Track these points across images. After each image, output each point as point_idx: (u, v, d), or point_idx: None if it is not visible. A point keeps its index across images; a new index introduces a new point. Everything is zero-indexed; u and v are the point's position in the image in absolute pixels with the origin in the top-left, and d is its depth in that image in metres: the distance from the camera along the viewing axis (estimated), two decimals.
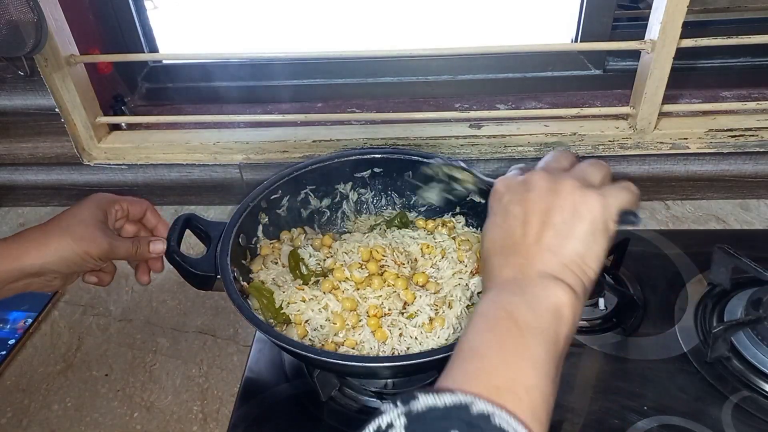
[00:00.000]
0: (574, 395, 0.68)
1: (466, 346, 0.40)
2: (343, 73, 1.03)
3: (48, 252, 0.58)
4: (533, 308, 0.40)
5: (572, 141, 0.90)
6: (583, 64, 1.00)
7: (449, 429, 0.32)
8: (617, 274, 0.82)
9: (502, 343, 0.39)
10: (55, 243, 0.59)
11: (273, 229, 0.79)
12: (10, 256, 0.58)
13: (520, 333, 0.39)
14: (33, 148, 0.97)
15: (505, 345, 0.39)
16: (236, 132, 0.95)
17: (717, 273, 0.79)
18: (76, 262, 0.59)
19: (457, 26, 1.01)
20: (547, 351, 0.39)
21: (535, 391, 0.37)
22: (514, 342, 0.39)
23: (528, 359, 0.38)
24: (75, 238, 0.60)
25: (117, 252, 0.62)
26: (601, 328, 0.76)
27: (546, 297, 0.41)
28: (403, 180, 0.82)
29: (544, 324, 0.40)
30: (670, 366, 0.70)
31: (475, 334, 0.40)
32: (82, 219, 0.62)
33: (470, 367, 0.38)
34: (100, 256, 0.60)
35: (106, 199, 0.65)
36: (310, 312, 0.67)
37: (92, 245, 0.60)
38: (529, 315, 0.40)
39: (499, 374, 0.37)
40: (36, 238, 0.59)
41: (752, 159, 0.91)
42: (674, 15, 0.76)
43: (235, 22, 1.04)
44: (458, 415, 0.33)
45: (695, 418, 0.64)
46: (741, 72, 0.98)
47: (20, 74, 0.85)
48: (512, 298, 0.42)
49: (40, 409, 0.72)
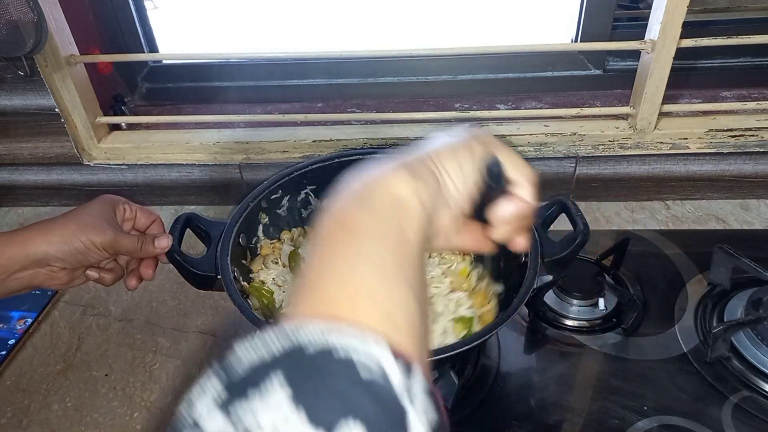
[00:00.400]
0: (574, 395, 0.68)
1: (305, 269, 0.34)
2: (343, 73, 1.03)
3: (52, 239, 0.59)
4: (367, 206, 0.35)
5: (572, 141, 0.90)
6: (583, 64, 1.00)
7: (275, 380, 0.26)
8: (617, 274, 0.82)
9: (336, 256, 0.33)
10: (59, 230, 0.59)
11: (273, 229, 0.78)
12: (16, 243, 0.58)
13: (353, 237, 0.34)
14: (33, 148, 0.97)
15: (339, 258, 0.33)
16: (236, 132, 0.95)
17: (717, 273, 0.79)
18: (80, 250, 0.59)
19: (457, 26, 1.01)
20: (393, 250, 0.33)
21: (382, 295, 0.31)
22: (349, 250, 0.33)
23: (368, 267, 0.32)
24: (80, 225, 0.60)
25: (121, 244, 0.62)
26: (601, 328, 0.76)
27: (381, 191, 0.36)
28: None
29: (382, 221, 0.35)
30: (670, 366, 0.70)
31: (312, 257, 0.34)
32: (89, 211, 0.62)
33: (308, 293, 0.32)
34: (104, 246, 0.60)
35: (115, 198, 0.66)
36: None
37: (97, 233, 0.60)
38: (361, 215, 0.35)
39: (337, 294, 0.31)
40: (42, 226, 0.60)
41: (752, 159, 0.91)
42: (674, 15, 0.76)
43: (235, 22, 1.04)
44: (288, 362, 0.27)
45: (695, 418, 0.64)
46: (741, 72, 0.98)
47: (20, 74, 0.85)
48: (342, 204, 0.37)
49: (40, 409, 0.72)
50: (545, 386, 0.69)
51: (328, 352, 0.27)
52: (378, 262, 0.32)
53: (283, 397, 0.25)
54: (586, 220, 0.67)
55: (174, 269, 0.66)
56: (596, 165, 0.94)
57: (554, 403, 0.67)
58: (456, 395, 0.66)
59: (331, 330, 0.27)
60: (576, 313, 0.77)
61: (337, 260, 0.33)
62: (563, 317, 0.77)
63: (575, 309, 0.77)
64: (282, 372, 0.26)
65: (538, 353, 0.74)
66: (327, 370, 0.26)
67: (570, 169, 0.94)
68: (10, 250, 0.58)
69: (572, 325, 0.76)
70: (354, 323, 0.28)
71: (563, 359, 0.72)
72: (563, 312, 0.77)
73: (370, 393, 0.26)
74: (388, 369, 0.26)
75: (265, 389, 0.25)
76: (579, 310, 0.77)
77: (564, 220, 0.70)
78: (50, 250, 0.58)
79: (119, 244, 0.62)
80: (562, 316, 0.77)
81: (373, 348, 0.27)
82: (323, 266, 0.33)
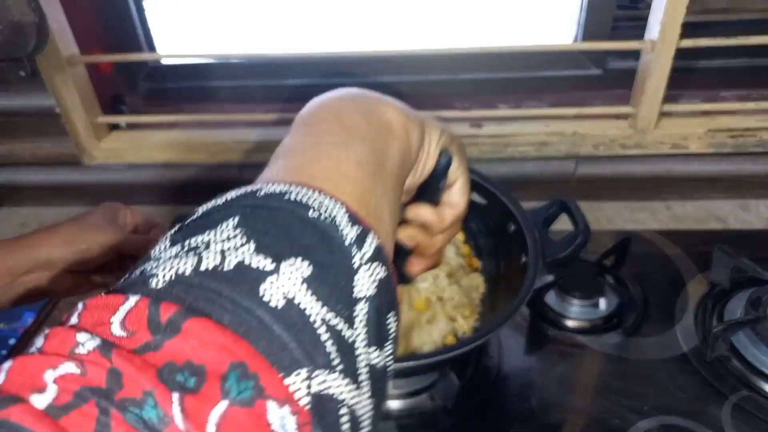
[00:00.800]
0: (574, 395, 0.68)
1: (281, 148, 0.34)
2: (343, 73, 1.03)
3: (57, 240, 0.59)
4: (363, 114, 0.35)
5: (572, 141, 0.90)
6: (583, 64, 1.00)
7: (228, 217, 0.26)
8: (618, 274, 0.82)
9: (321, 137, 0.33)
10: (64, 232, 0.60)
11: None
12: (22, 246, 0.59)
13: (345, 132, 0.33)
14: (34, 149, 0.97)
15: (325, 139, 0.32)
16: (236, 132, 0.95)
17: (717, 273, 0.79)
18: (82, 250, 0.60)
19: (457, 26, 1.01)
20: (375, 156, 0.33)
21: (361, 185, 0.30)
22: (336, 138, 0.33)
23: (352, 157, 0.31)
24: (84, 227, 0.61)
25: (127, 243, 0.62)
26: (601, 328, 0.76)
27: (380, 110, 0.37)
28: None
29: (372, 130, 0.35)
30: (670, 366, 0.70)
31: (293, 135, 0.35)
32: (93, 215, 0.63)
33: (282, 163, 0.31)
34: (107, 245, 0.61)
35: (117, 204, 0.67)
36: None
37: (101, 234, 0.61)
38: (357, 118, 0.35)
39: (314, 165, 0.30)
40: (47, 230, 0.61)
41: (752, 159, 0.91)
42: (674, 15, 0.76)
43: (235, 22, 1.04)
44: (242, 202, 0.27)
45: (695, 418, 0.64)
46: (741, 72, 0.98)
47: (22, 75, 0.85)
48: (340, 100, 0.37)
49: None
50: (546, 386, 0.69)
51: (281, 193, 0.27)
52: (364, 162, 0.32)
53: (233, 231, 0.25)
54: (586, 220, 0.67)
55: None
56: (597, 165, 0.94)
57: (555, 404, 0.67)
58: (457, 396, 0.66)
59: (292, 192, 0.27)
60: (577, 313, 0.77)
61: (324, 143, 0.32)
62: (564, 317, 0.77)
63: (576, 309, 0.77)
64: (238, 215, 0.26)
65: (538, 353, 0.74)
66: (277, 207, 0.26)
67: (570, 169, 0.94)
68: (16, 254, 0.58)
69: (573, 325, 0.76)
70: (315, 189, 0.27)
71: (564, 359, 0.72)
72: (564, 312, 0.77)
73: (318, 234, 0.25)
74: (339, 220, 0.26)
75: (219, 227, 0.25)
76: (580, 311, 0.77)
77: (564, 220, 0.70)
78: (55, 251, 0.59)
79: (124, 243, 0.62)
80: (562, 317, 0.77)
81: (329, 202, 0.27)
82: (309, 148, 0.32)
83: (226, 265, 0.23)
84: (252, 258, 0.23)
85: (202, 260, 0.23)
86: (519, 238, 0.70)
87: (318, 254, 0.25)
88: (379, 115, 0.36)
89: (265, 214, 0.26)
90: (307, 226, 0.25)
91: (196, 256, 0.23)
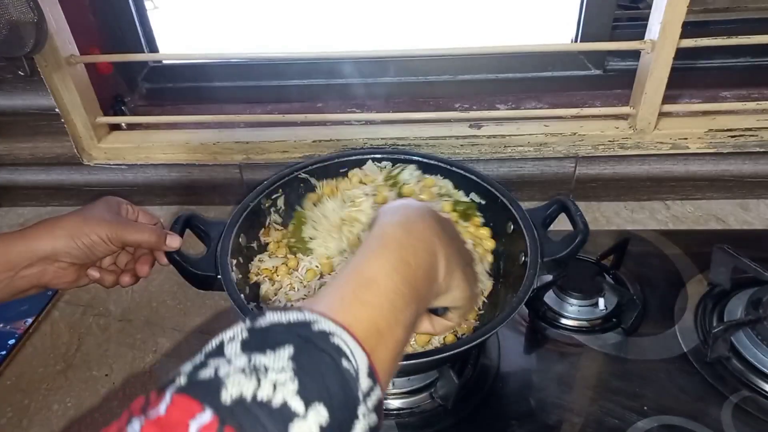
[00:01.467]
0: (574, 395, 0.68)
1: (360, 271, 0.40)
2: (343, 73, 1.03)
3: (59, 233, 0.59)
4: (425, 269, 0.42)
5: (572, 141, 0.90)
6: (583, 64, 1.00)
7: (284, 342, 0.32)
8: (617, 274, 0.82)
9: (394, 295, 0.39)
10: (66, 225, 0.60)
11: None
12: (24, 240, 0.59)
13: (413, 296, 0.40)
14: (33, 148, 0.97)
15: (394, 301, 0.38)
16: (236, 132, 0.95)
17: (717, 273, 0.79)
18: (87, 244, 0.60)
19: (457, 26, 1.01)
20: (418, 313, 0.41)
21: (392, 340, 0.37)
22: (402, 302, 0.39)
23: (402, 322, 0.38)
24: (86, 219, 0.61)
25: (130, 234, 0.62)
26: (601, 328, 0.76)
27: (436, 260, 0.44)
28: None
29: (426, 290, 0.42)
30: (670, 366, 0.70)
31: (375, 264, 0.40)
32: (94, 207, 0.63)
33: (343, 285, 0.39)
34: (111, 238, 0.61)
35: (118, 198, 0.67)
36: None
37: (103, 226, 0.60)
38: (422, 283, 0.42)
39: (373, 314, 0.37)
40: (49, 223, 0.60)
41: (752, 159, 0.91)
42: (674, 15, 0.76)
43: (235, 22, 1.04)
44: (298, 331, 0.33)
45: (695, 418, 0.64)
46: (741, 72, 0.98)
47: (20, 74, 0.85)
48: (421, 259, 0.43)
49: (40, 409, 0.72)
50: (545, 386, 0.69)
51: (329, 334, 0.33)
52: (409, 322, 0.39)
53: (286, 362, 0.31)
54: (585, 220, 0.67)
55: (174, 269, 0.66)
56: (596, 165, 0.94)
57: (554, 403, 0.67)
58: (456, 395, 0.66)
59: (337, 334, 0.33)
60: (576, 313, 0.77)
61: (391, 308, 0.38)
62: (563, 317, 0.77)
63: (575, 309, 0.77)
64: (293, 345, 0.32)
65: (537, 353, 0.74)
66: (322, 348, 0.32)
67: (570, 169, 0.94)
68: (17, 247, 0.58)
69: (572, 325, 0.76)
70: (354, 338, 0.34)
71: (563, 359, 0.72)
72: (563, 312, 0.77)
73: (342, 382, 0.32)
74: (361, 372, 0.33)
75: (277, 352, 0.31)
76: (579, 310, 0.77)
77: (564, 220, 0.70)
78: (57, 245, 0.59)
79: (126, 235, 0.62)
80: (561, 316, 0.77)
81: (360, 352, 0.33)
82: (380, 297, 0.38)
83: (274, 400, 0.29)
84: (292, 399, 0.29)
85: (260, 387, 0.29)
86: (518, 238, 0.70)
87: (336, 402, 0.31)
88: (436, 268, 0.44)
89: (313, 354, 0.32)
90: (338, 373, 0.32)
91: (257, 380, 0.30)
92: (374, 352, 0.35)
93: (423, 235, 0.44)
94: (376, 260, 0.40)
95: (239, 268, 0.71)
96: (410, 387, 0.69)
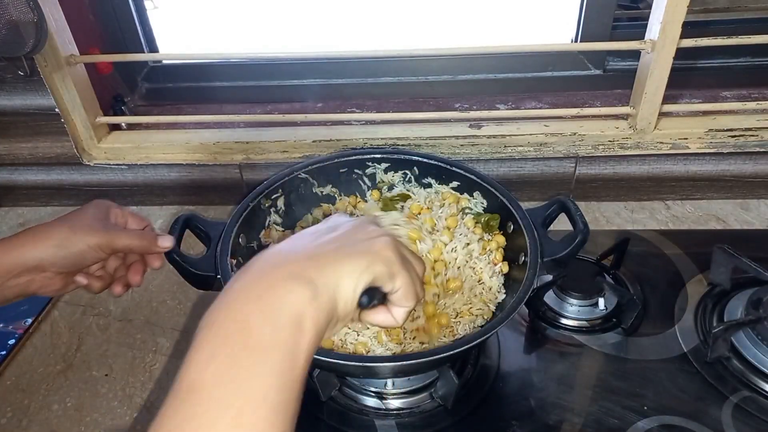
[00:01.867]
0: (574, 395, 0.68)
1: (185, 379, 0.34)
2: (343, 73, 1.03)
3: (47, 243, 0.58)
4: (268, 316, 0.36)
5: (572, 141, 0.90)
6: (583, 64, 1.00)
7: None
8: (617, 273, 0.82)
9: (227, 373, 0.34)
10: (54, 234, 0.59)
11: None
12: (12, 249, 0.57)
13: (249, 352, 0.35)
14: (33, 148, 0.97)
15: (231, 377, 0.34)
16: (236, 132, 0.95)
17: (717, 273, 0.79)
18: (75, 253, 0.58)
19: (457, 26, 1.01)
20: (281, 372, 0.35)
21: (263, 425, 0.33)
22: (243, 371, 0.34)
23: (258, 390, 0.34)
24: (73, 228, 0.59)
25: (117, 241, 0.61)
26: (601, 328, 0.76)
27: (283, 301, 0.37)
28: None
29: (280, 339, 0.36)
30: (670, 366, 0.70)
31: (198, 361, 0.35)
32: (81, 214, 0.62)
33: (184, 412, 0.33)
34: (100, 246, 0.60)
35: (107, 202, 0.65)
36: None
37: (91, 234, 0.59)
38: (263, 325, 0.36)
39: (219, 416, 0.32)
40: (35, 232, 0.59)
41: (752, 159, 0.91)
42: (674, 15, 0.76)
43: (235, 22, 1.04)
44: None
45: (695, 418, 0.64)
46: (741, 72, 0.98)
47: (20, 74, 0.85)
48: (244, 302, 0.38)
49: (40, 409, 0.72)
50: (545, 386, 0.69)
51: None
52: (270, 395, 0.34)
53: None
54: (585, 220, 0.67)
55: (174, 269, 0.66)
56: (596, 165, 0.94)
57: (554, 403, 0.67)
58: (456, 395, 0.66)
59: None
60: (576, 312, 0.77)
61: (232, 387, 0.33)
62: (563, 317, 0.77)
63: (575, 309, 0.77)
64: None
65: (537, 353, 0.74)
66: None
67: (570, 169, 0.94)
68: (3, 258, 0.57)
69: (572, 324, 0.76)
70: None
71: (563, 359, 0.72)
72: (563, 312, 0.77)
73: None
74: None
75: None
76: (579, 310, 0.77)
77: (564, 220, 0.70)
78: (45, 255, 0.57)
79: (115, 241, 0.61)
80: (562, 316, 0.77)
81: None
82: (214, 390, 0.33)
83: None
84: None
85: None
86: (518, 238, 0.70)
87: None
88: (284, 311, 0.37)
89: None
90: None
91: None
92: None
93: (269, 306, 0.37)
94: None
95: (239, 269, 0.70)
96: (410, 387, 0.69)
